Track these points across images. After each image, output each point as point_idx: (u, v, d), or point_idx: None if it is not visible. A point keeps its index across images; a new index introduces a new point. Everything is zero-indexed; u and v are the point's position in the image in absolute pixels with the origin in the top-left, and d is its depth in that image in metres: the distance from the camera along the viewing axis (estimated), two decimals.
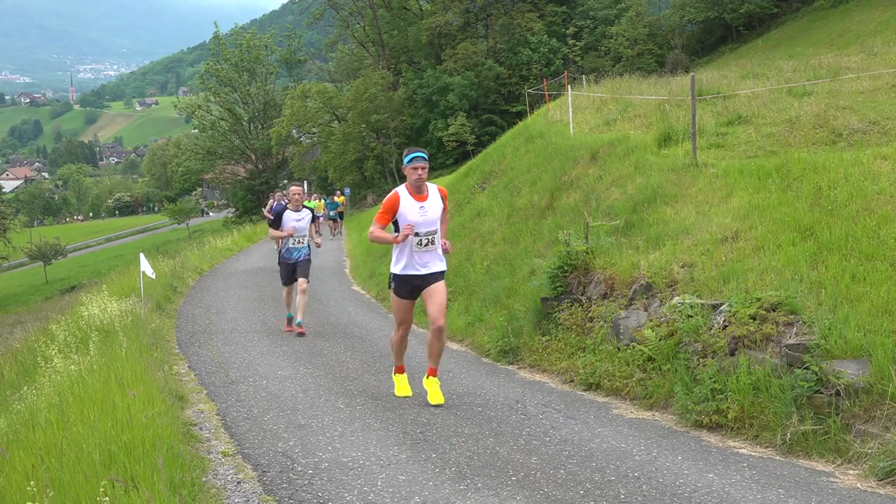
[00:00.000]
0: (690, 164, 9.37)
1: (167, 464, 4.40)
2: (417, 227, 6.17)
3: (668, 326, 6.35)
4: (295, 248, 10.27)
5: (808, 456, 4.88)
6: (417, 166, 6.16)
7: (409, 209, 6.18)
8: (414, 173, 6.16)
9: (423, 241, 6.27)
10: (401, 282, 6.37)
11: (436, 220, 6.31)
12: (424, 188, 6.29)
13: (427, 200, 6.27)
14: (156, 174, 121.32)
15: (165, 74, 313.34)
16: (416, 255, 6.31)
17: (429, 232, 6.27)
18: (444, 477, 4.77)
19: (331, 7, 53.18)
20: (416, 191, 6.24)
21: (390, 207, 6.19)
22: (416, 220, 6.16)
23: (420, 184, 6.20)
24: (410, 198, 6.22)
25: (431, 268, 6.42)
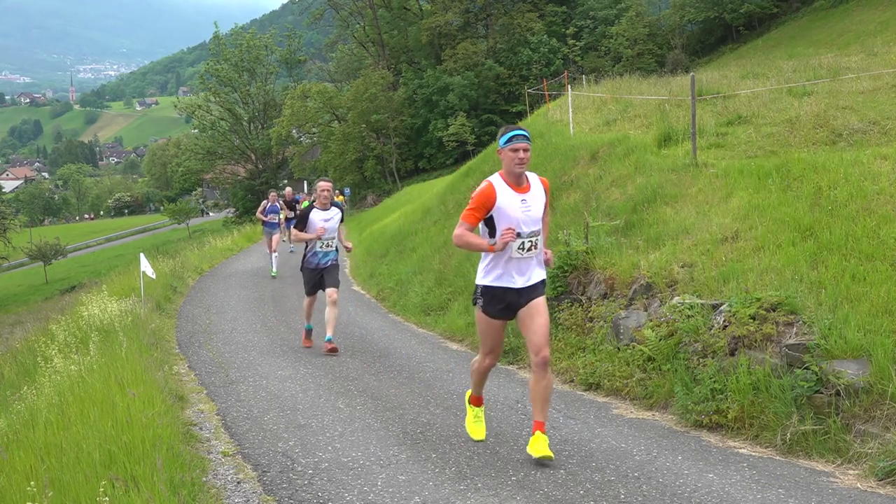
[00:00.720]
0: (690, 164, 9.37)
1: (167, 464, 4.40)
2: (518, 226, 4.82)
3: (668, 326, 6.35)
4: (322, 251, 8.95)
5: (808, 456, 4.88)
6: (518, 147, 4.83)
7: (509, 204, 4.83)
8: (514, 157, 4.82)
9: (526, 243, 4.86)
10: (492, 297, 4.96)
11: (539, 217, 4.94)
12: (525, 177, 4.95)
13: (529, 192, 4.92)
14: (156, 174, 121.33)
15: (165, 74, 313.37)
16: (514, 262, 4.91)
17: (532, 233, 4.88)
18: (444, 477, 4.77)
19: (331, 7, 53.22)
20: (515, 181, 4.89)
21: (483, 202, 4.84)
22: (518, 218, 4.82)
23: (521, 171, 4.87)
24: (509, 189, 4.87)
25: (532, 278, 4.98)
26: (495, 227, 4.85)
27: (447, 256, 13.21)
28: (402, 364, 8.24)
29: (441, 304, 11.28)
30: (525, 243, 4.85)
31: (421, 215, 18.96)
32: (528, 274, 4.93)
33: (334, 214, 9.00)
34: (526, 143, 4.86)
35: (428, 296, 11.84)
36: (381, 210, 33.86)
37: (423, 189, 32.08)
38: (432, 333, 10.29)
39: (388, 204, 34.90)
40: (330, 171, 48.12)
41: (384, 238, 20.02)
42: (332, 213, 8.98)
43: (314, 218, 8.87)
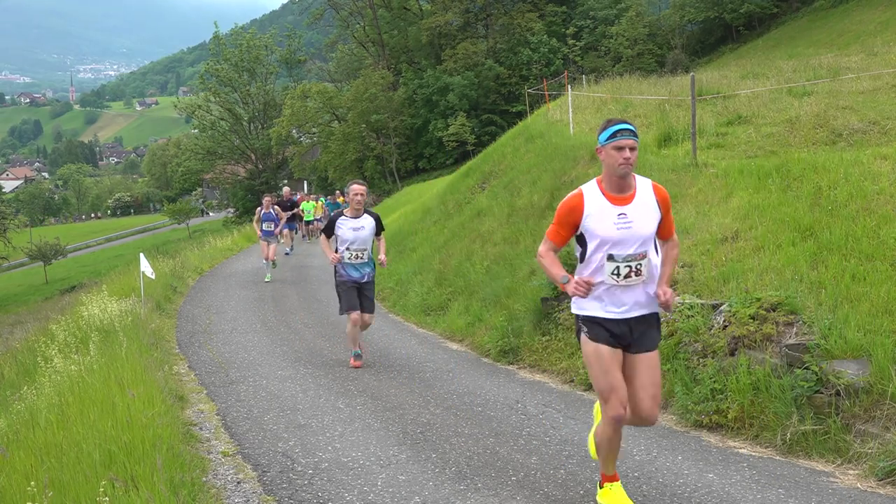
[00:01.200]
0: (690, 164, 9.37)
1: (167, 464, 4.40)
2: (613, 245, 3.85)
3: (667, 326, 6.35)
4: (353, 264, 7.86)
5: (808, 456, 4.88)
6: (624, 144, 3.81)
7: (600, 218, 3.86)
8: (617, 157, 3.80)
9: (622, 269, 3.87)
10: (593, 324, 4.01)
11: (645, 236, 3.87)
12: (631, 182, 3.91)
13: (632, 204, 3.88)
14: (156, 174, 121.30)
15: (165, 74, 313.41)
16: (613, 291, 3.94)
17: (632, 256, 3.86)
18: (444, 477, 4.77)
19: (331, 7, 53.23)
20: (616, 188, 3.89)
21: (566, 217, 3.93)
22: (610, 237, 3.84)
23: (626, 174, 3.83)
24: (603, 199, 3.88)
25: (637, 310, 4.01)
26: (586, 246, 3.92)
27: (447, 256, 13.21)
28: (402, 364, 8.24)
29: (441, 304, 11.28)
30: (621, 268, 3.86)
31: (421, 215, 18.96)
32: (630, 305, 3.97)
33: (367, 223, 7.81)
34: (633, 139, 3.82)
35: (428, 296, 11.84)
36: (380, 210, 33.82)
37: (423, 189, 32.09)
38: (432, 333, 10.29)
39: (388, 204, 34.90)
40: (330, 171, 48.15)
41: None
42: (364, 222, 7.80)
43: (342, 227, 7.79)
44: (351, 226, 7.81)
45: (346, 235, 7.80)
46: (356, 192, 7.83)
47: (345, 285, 7.90)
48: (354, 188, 7.86)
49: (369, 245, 7.90)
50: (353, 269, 7.90)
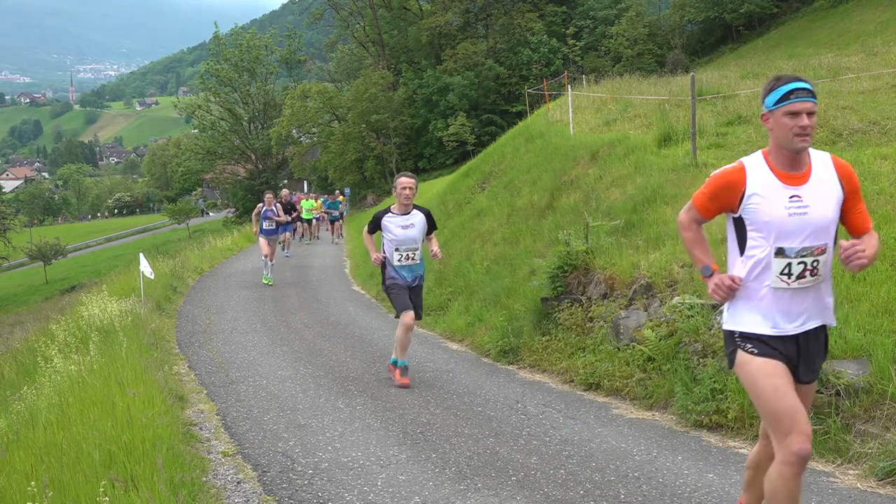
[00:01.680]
0: (690, 164, 9.37)
1: (167, 464, 4.40)
2: (785, 235, 3.08)
3: (668, 326, 6.35)
4: (404, 265, 7.10)
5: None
6: (800, 109, 3.05)
7: (767, 200, 3.10)
8: (791, 125, 3.06)
9: (794, 266, 3.09)
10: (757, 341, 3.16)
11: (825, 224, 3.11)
12: (804, 158, 3.14)
13: (808, 184, 3.12)
14: (156, 174, 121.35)
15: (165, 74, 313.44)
16: (784, 296, 3.13)
17: (807, 250, 3.09)
18: (444, 477, 4.77)
19: (331, 7, 53.21)
20: (787, 163, 3.13)
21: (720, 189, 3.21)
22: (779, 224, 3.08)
23: (802, 148, 3.07)
24: (771, 176, 3.12)
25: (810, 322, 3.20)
26: (745, 233, 3.18)
27: (447, 256, 13.21)
28: None
29: (441, 304, 11.29)
30: (793, 266, 3.07)
31: None
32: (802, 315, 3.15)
33: (416, 220, 7.03)
34: (812, 102, 3.06)
35: (428, 296, 11.82)
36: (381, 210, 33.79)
37: (423, 189, 32.01)
38: (432, 333, 10.29)
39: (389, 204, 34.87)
40: (330, 171, 48.12)
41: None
42: (414, 219, 7.02)
43: (389, 225, 7.03)
44: (399, 223, 6.97)
45: (395, 234, 6.98)
46: (404, 186, 6.93)
47: (397, 287, 7.09)
48: (402, 181, 6.96)
49: (420, 244, 7.10)
50: (406, 270, 7.09)
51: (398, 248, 7.02)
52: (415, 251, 7.05)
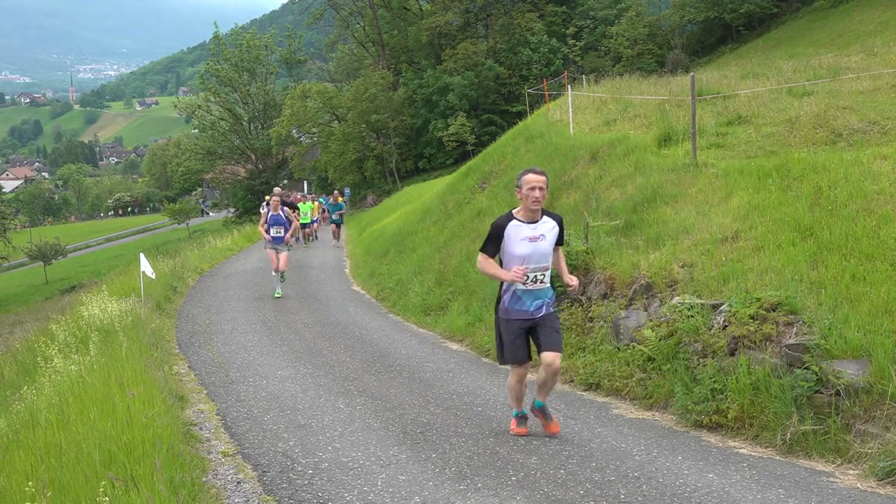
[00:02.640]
0: (690, 164, 9.37)
1: (167, 464, 4.40)
2: None
3: (668, 326, 6.35)
4: (528, 291, 5.35)
5: (808, 456, 4.88)
6: None
7: None
8: None
9: None
10: None
11: None
12: None
13: None
14: (156, 174, 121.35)
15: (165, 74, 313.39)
16: None
17: None
18: (444, 477, 4.77)
19: (331, 7, 53.23)
20: None
21: None
22: None
23: None
24: None
25: None
26: None
27: (447, 256, 13.21)
28: (402, 364, 8.24)
29: (441, 304, 11.28)
30: None
31: (421, 215, 18.96)
32: None
33: (547, 230, 5.35)
34: None
35: (428, 296, 11.84)
36: (380, 210, 33.86)
37: (423, 189, 32.08)
38: (432, 333, 10.29)
39: (388, 204, 34.90)
40: (330, 171, 48.11)
41: (384, 238, 20.02)
42: (544, 228, 5.34)
43: (513, 236, 5.31)
44: (527, 234, 5.27)
45: (519, 249, 5.25)
46: (533, 185, 5.22)
47: (511, 325, 5.39)
48: (530, 178, 5.25)
49: (550, 261, 5.40)
50: (529, 297, 5.33)
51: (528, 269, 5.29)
52: (545, 271, 5.32)
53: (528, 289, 5.30)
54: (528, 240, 5.27)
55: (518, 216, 5.35)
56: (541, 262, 5.30)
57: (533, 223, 5.32)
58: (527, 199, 5.27)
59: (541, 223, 5.34)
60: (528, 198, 5.26)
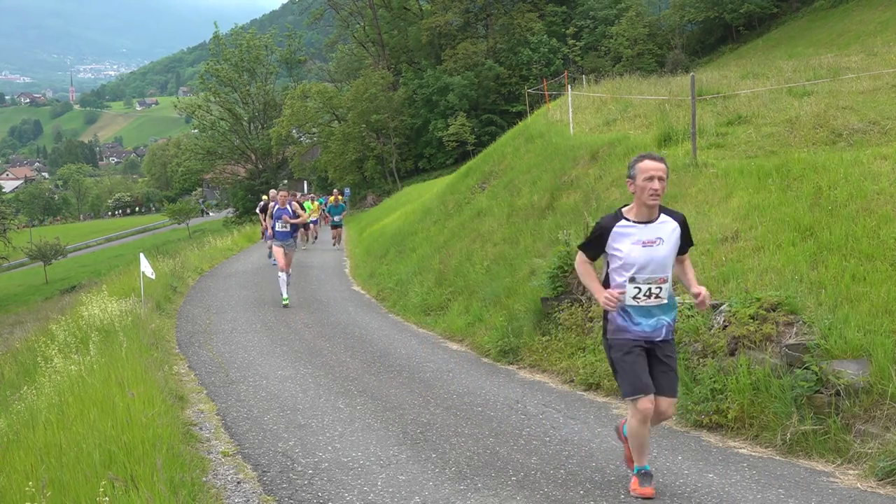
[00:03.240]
0: (690, 164, 9.37)
1: (167, 464, 4.40)
2: None
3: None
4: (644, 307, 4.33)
5: (808, 456, 4.88)
6: None
7: None
8: None
9: None
10: None
11: None
12: None
13: None
14: (156, 174, 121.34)
15: (165, 74, 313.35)
16: None
17: None
18: (444, 477, 4.77)
19: (331, 7, 53.26)
20: None
21: None
22: None
23: None
24: None
25: None
26: None
27: (447, 256, 13.21)
28: (402, 364, 8.24)
29: (441, 304, 11.28)
30: None
31: (421, 215, 18.96)
32: None
33: (666, 233, 4.28)
34: None
35: (428, 296, 11.84)
36: (381, 210, 33.86)
37: (423, 189, 32.09)
38: (432, 333, 10.29)
39: (388, 204, 34.90)
40: (330, 171, 48.10)
41: (384, 238, 20.02)
42: (663, 230, 4.28)
43: (622, 238, 4.30)
44: (641, 237, 4.25)
45: (632, 255, 4.24)
46: (651, 174, 4.19)
47: (625, 346, 4.32)
48: (646, 165, 4.21)
49: (670, 271, 4.35)
50: (644, 315, 4.31)
51: (636, 278, 4.25)
52: (662, 283, 4.28)
53: (642, 304, 4.27)
54: (642, 244, 4.23)
55: (628, 215, 4.31)
56: (657, 272, 4.24)
57: (649, 223, 4.26)
58: (642, 192, 4.20)
59: (658, 224, 4.27)
60: (643, 191, 4.19)
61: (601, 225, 4.40)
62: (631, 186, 4.30)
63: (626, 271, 4.28)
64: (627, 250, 4.24)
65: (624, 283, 4.27)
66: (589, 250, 4.47)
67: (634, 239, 4.25)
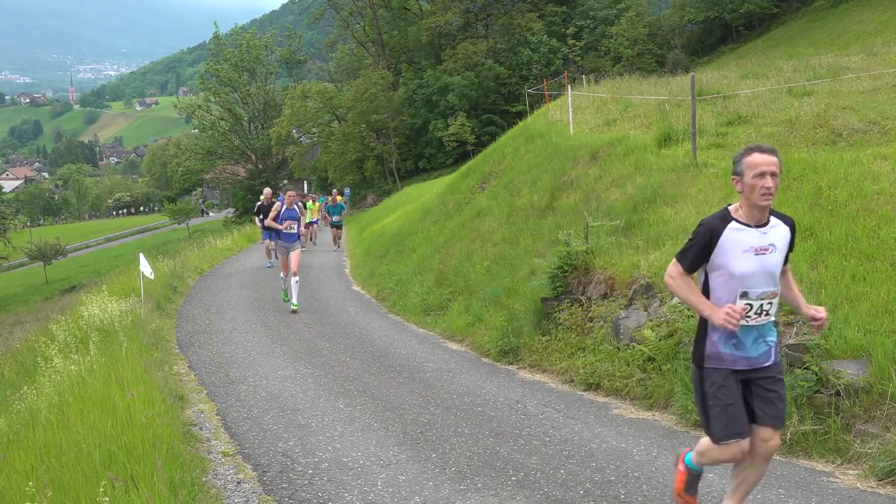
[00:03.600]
0: (690, 164, 9.37)
1: (167, 464, 4.40)
2: None
3: (668, 326, 6.35)
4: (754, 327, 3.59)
5: (808, 456, 4.89)
6: None
7: None
8: None
9: None
10: None
11: None
12: None
13: None
14: (156, 174, 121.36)
15: (165, 74, 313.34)
16: None
17: None
18: (444, 477, 4.77)
19: (331, 7, 53.27)
20: None
21: None
22: None
23: None
24: None
25: None
26: None
27: (447, 256, 13.21)
28: (402, 364, 8.24)
29: (441, 304, 11.28)
30: None
31: (421, 215, 18.96)
32: None
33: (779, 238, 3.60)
34: None
35: (428, 296, 11.84)
36: (380, 210, 33.86)
37: (423, 189, 32.09)
38: (432, 333, 10.29)
39: (388, 204, 34.90)
40: (330, 171, 48.09)
41: (384, 238, 20.02)
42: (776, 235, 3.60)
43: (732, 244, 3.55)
44: (753, 242, 3.53)
45: (741, 265, 3.51)
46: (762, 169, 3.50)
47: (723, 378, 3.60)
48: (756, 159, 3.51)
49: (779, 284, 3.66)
50: (750, 337, 3.58)
51: (748, 293, 3.52)
52: (773, 297, 3.58)
53: (751, 324, 3.55)
54: (754, 251, 3.51)
55: (737, 215, 3.58)
56: (768, 286, 3.54)
57: (761, 227, 3.56)
58: (752, 191, 3.50)
59: (770, 228, 3.58)
60: (754, 189, 3.49)
61: (707, 227, 3.58)
62: (738, 184, 3.58)
63: (736, 285, 3.52)
64: (738, 259, 3.51)
65: (732, 301, 3.51)
66: (689, 260, 3.61)
67: (746, 245, 3.52)
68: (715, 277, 3.58)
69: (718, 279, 3.57)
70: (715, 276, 3.58)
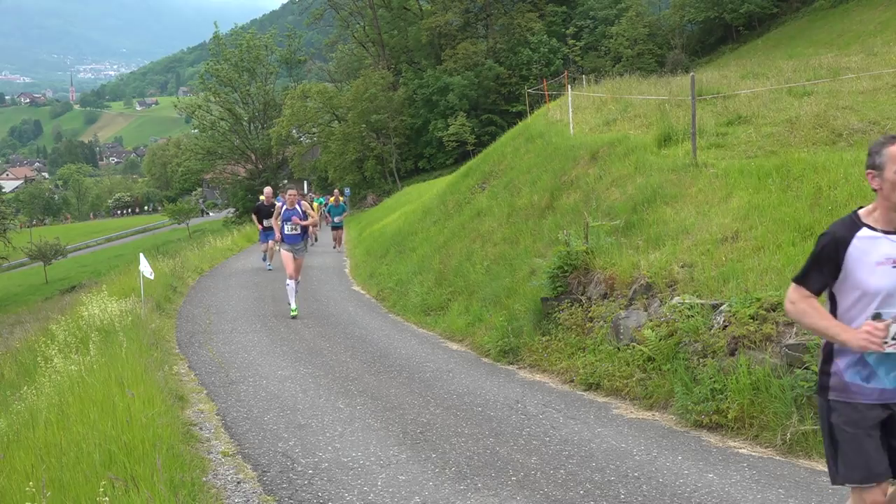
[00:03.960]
0: (690, 164, 9.37)
1: (167, 464, 4.40)
2: None
3: (668, 326, 6.35)
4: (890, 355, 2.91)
5: (808, 456, 4.88)
6: None
7: None
8: None
9: None
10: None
11: None
12: None
13: None
14: (156, 174, 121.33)
15: (165, 74, 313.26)
16: None
17: None
18: (444, 477, 4.77)
19: (331, 7, 53.26)
20: None
21: None
22: None
23: None
24: None
25: None
26: None
27: (447, 256, 13.21)
28: (402, 364, 8.24)
29: (441, 304, 11.28)
30: None
31: (421, 215, 18.96)
32: None
33: None
34: None
35: (428, 296, 11.84)
36: (381, 210, 33.86)
37: (423, 189, 32.08)
38: (432, 333, 10.29)
39: (388, 204, 34.90)
40: (330, 171, 48.08)
41: (384, 238, 20.02)
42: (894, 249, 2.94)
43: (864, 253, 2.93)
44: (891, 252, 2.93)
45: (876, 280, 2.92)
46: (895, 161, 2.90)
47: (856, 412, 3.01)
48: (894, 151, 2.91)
49: None
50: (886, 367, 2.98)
51: (880, 315, 2.93)
52: None
53: (887, 350, 2.90)
54: (892, 263, 2.90)
55: (870, 220, 2.98)
56: None
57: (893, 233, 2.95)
58: (893, 189, 2.90)
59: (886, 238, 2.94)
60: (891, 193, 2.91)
61: (832, 236, 2.96)
62: (874, 181, 2.95)
63: (867, 305, 2.94)
64: (871, 273, 2.91)
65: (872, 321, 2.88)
66: (813, 279, 3.00)
67: (882, 256, 2.90)
68: (845, 294, 2.98)
69: (845, 299, 2.98)
70: (840, 294, 3.00)
